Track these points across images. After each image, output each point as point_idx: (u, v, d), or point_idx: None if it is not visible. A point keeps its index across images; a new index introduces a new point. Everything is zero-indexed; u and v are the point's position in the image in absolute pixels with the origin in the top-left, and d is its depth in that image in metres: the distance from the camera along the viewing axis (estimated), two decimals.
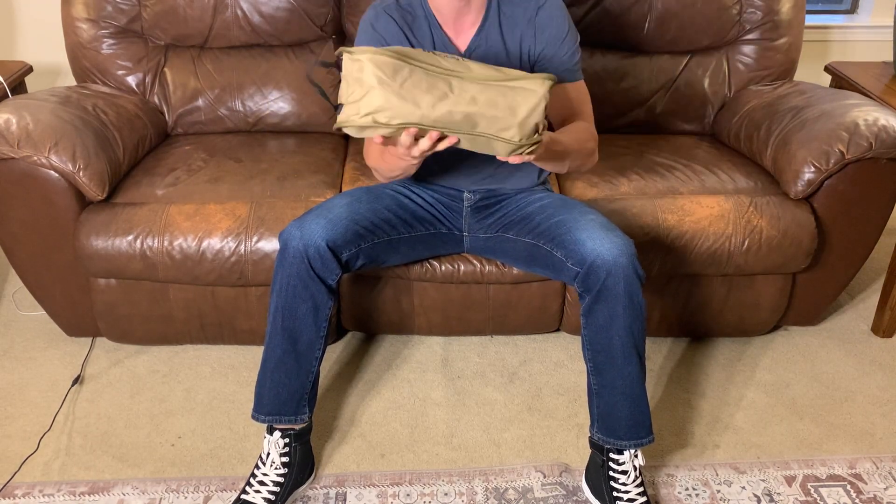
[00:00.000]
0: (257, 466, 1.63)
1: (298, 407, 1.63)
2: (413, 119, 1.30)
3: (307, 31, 2.29)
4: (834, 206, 1.93)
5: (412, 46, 1.65)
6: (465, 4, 1.62)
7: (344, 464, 1.74)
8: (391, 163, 1.57)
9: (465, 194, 1.79)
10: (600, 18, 2.26)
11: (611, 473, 1.59)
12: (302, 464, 1.66)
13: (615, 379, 1.55)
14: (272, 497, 1.59)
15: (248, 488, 1.60)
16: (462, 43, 1.67)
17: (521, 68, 1.67)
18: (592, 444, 1.64)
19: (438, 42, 1.67)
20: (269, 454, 1.62)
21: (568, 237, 1.57)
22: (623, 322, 1.51)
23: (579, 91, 1.72)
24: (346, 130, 1.34)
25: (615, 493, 1.58)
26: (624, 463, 1.59)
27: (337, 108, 1.36)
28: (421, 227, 1.75)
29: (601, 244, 1.51)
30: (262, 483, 1.60)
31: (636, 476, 1.59)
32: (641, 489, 1.59)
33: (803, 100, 2.07)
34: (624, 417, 1.57)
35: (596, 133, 1.70)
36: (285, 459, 1.63)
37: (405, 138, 1.33)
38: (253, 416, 1.63)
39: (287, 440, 1.63)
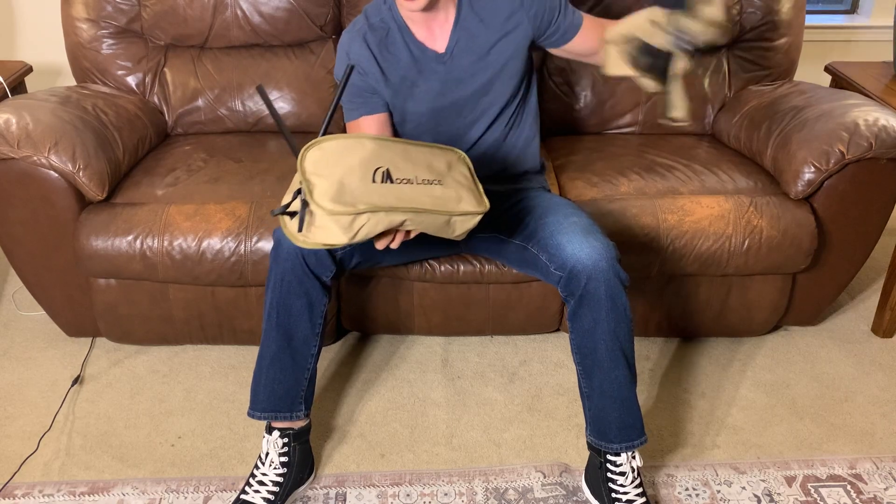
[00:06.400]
0: (256, 466, 1.63)
1: (294, 404, 1.63)
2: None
3: (307, 31, 2.29)
4: (834, 206, 1.93)
5: (381, 70, 1.67)
6: (430, 5, 1.60)
7: (344, 464, 1.74)
8: None
9: None
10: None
11: (609, 475, 1.59)
12: (301, 464, 1.66)
13: (603, 383, 1.55)
14: (272, 497, 1.59)
15: (247, 488, 1.61)
16: (440, 44, 1.67)
17: (517, 43, 1.68)
18: (589, 445, 1.64)
19: (415, 50, 1.66)
20: (268, 454, 1.62)
21: (551, 241, 1.57)
22: (607, 326, 1.51)
23: (591, 21, 1.74)
24: (281, 222, 1.36)
25: (614, 495, 1.58)
26: (621, 464, 1.59)
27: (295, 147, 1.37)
28: None
29: (580, 248, 1.51)
30: (261, 483, 1.61)
31: (634, 477, 1.59)
32: (640, 490, 1.59)
33: (803, 100, 2.07)
34: (614, 421, 1.57)
35: None
36: (284, 459, 1.63)
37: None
38: (249, 414, 1.63)
39: (286, 440, 1.63)
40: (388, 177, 1.34)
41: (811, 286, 2.06)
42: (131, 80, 2.26)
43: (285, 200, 1.33)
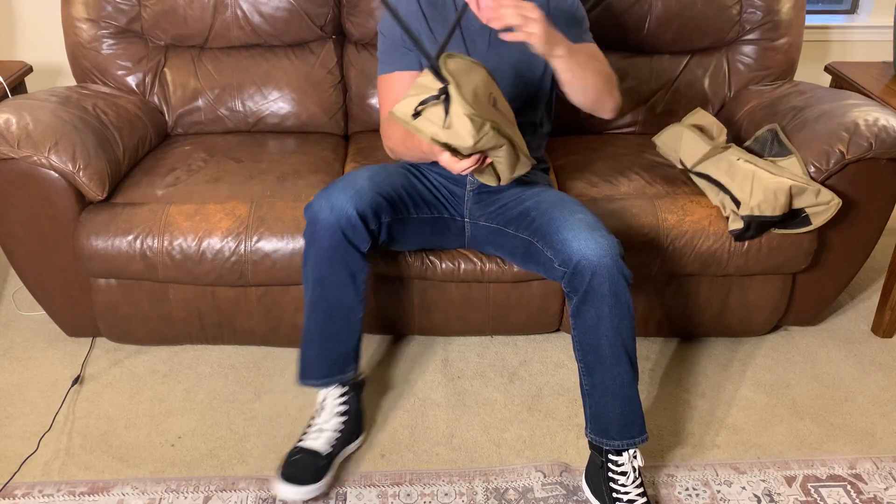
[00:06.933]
0: (313, 418, 1.70)
1: (346, 366, 1.70)
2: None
3: (307, 31, 2.29)
4: None
5: (429, 26, 1.74)
6: None
7: (344, 464, 1.74)
8: (413, 150, 1.64)
9: (469, 177, 1.80)
10: (600, 18, 2.26)
11: (610, 475, 1.59)
12: (356, 417, 1.73)
13: (605, 379, 1.56)
14: (330, 447, 1.66)
15: (304, 437, 1.67)
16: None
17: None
18: (591, 444, 1.64)
19: (460, 8, 1.71)
20: (324, 406, 1.69)
21: (556, 237, 1.58)
22: (610, 322, 1.52)
23: (589, 50, 1.73)
24: (397, 120, 1.46)
25: (615, 495, 1.58)
26: (623, 464, 1.59)
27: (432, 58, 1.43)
28: (426, 209, 1.78)
29: (586, 244, 1.51)
30: (320, 430, 1.67)
31: (636, 477, 1.59)
32: (641, 490, 1.58)
33: (803, 100, 2.07)
34: (615, 417, 1.57)
35: (614, 74, 1.72)
36: (343, 409, 1.70)
37: (450, 161, 1.46)
38: (302, 383, 1.69)
39: (346, 388, 1.71)
40: (495, 104, 1.47)
41: (811, 286, 2.06)
42: (131, 80, 2.26)
43: (416, 99, 1.41)
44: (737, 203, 1.84)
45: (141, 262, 1.85)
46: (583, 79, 1.60)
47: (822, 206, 1.81)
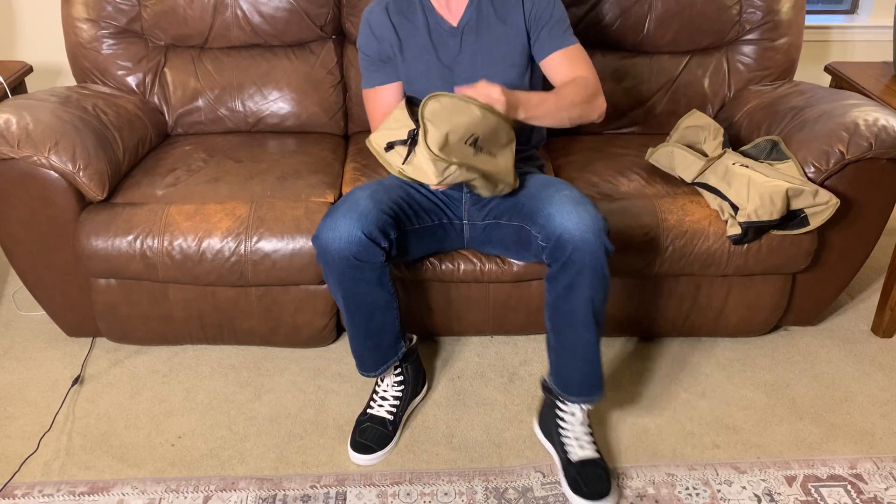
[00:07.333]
0: (377, 384, 1.83)
1: (398, 346, 1.78)
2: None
3: (307, 31, 2.29)
4: None
5: (398, 37, 1.78)
6: None
7: (344, 464, 1.74)
8: None
9: None
10: (600, 18, 2.26)
11: (558, 412, 1.69)
12: (415, 379, 1.86)
13: (573, 342, 1.60)
14: (394, 409, 1.80)
15: (372, 403, 1.82)
16: (454, 18, 1.77)
17: (519, 35, 1.78)
18: (544, 386, 1.72)
19: (432, 23, 1.76)
20: (383, 378, 1.82)
21: (541, 213, 1.60)
22: (587, 294, 1.54)
23: (572, 55, 1.78)
24: (371, 149, 1.59)
25: (561, 431, 1.68)
26: (571, 405, 1.69)
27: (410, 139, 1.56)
28: (427, 218, 1.78)
29: (568, 219, 1.53)
30: (384, 398, 1.81)
31: (584, 418, 1.68)
32: (588, 430, 1.67)
33: (803, 100, 2.07)
34: (577, 377, 1.64)
35: (594, 83, 1.75)
36: (399, 378, 1.83)
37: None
38: (363, 374, 1.78)
39: (397, 362, 1.80)
40: (475, 143, 1.56)
41: (811, 286, 2.06)
42: (131, 80, 2.26)
43: (390, 138, 1.56)
44: (735, 208, 1.84)
45: (141, 262, 1.85)
46: (554, 121, 1.68)
47: (820, 206, 1.81)
